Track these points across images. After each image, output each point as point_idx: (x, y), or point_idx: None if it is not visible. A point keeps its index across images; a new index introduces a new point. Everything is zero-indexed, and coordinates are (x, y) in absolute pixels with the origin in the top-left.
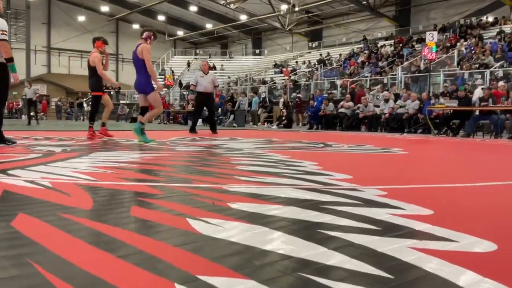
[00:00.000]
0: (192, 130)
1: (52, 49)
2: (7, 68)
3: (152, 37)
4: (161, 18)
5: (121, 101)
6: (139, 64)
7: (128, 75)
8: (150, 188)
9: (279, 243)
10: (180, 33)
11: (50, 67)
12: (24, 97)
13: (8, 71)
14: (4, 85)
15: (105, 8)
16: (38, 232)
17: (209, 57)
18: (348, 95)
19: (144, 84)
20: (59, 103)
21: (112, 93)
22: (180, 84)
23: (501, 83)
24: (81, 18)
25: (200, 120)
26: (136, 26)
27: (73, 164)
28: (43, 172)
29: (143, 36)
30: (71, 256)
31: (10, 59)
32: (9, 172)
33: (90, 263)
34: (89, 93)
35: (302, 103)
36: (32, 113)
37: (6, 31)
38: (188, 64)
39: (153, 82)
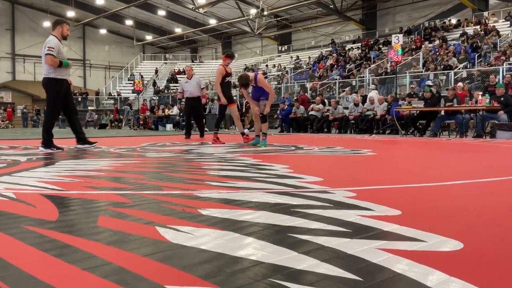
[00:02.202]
0: (187, 135)
1: (16, 55)
2: (58, 84)
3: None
4: (129, 22)
5: (89, 107)
6: None
7: (96, 81)
8: (119, 196)
9: (250, 249)
10: (149, 37)
11: (15, 74)
12: None
13: (59, 86)
14: (52, 98)
15: (71, 13)
16: (1, 246)
17: (179, 62)
18: (318, 98)
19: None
20: (25, 110)
21: (79, 99)
22: (154, 83)
23: (460, 84)
24: (47, 24)
25: (171, 126)
26: (103, 31)
27: (38, 174)
28: (7, 182)
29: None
30: (35, 271)
31: (60, 64)
32: None
33: (55, 277)
34: None
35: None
36: None
37: (53, 48)
38: (156, 71)
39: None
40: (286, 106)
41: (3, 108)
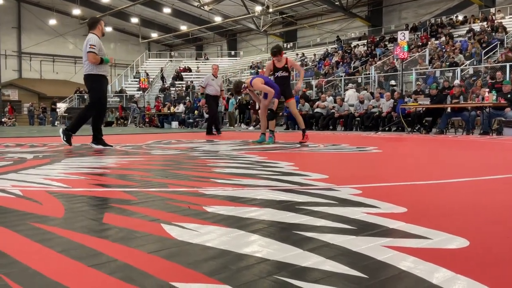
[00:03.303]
0: (209, 132)
1: (23, 53)
2: (101, 80)
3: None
4: (134, 20)
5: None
6: None
7: None
8: (124, 193)
9: (255, 246)
10: (154, 35)
11: (21, 72)
12: None
13: (101, 82)
14: (98, 95)
15: (76, 11)
16: (7, 243)
17: (184, 59)
18: (323, 95)
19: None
20: (31, 108)
21: (85, 97)
22: (162, 78)
23: (457, 81)
24: (52, 22)
25: (176, 123)
26: (109, 29)
27: (45, 171)
28: (13, 180)
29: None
30: (42, 267)
31: (101, 61)
32: None
33: (61, 274)
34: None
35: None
36: None
37: (94, 46)
38: (161, 70)
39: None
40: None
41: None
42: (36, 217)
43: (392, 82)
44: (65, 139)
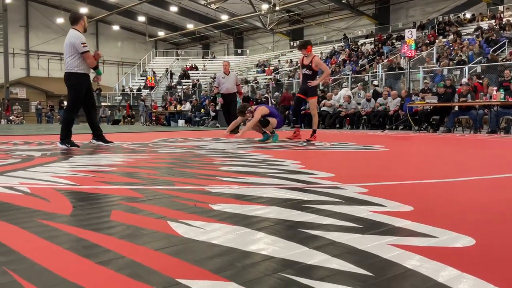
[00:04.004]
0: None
1: (30, 52)
2: (80, 78)
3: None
4: (141, 19)
5: (102, 103)
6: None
7: (109, 77)
8: (131, 191)
9: (261, 244)
10: (161, 33)
11: (29, 70)
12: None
13: (82, 81)
14: (75, 93)
15: (84, 10)
16: (15, 240)
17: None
18: (329, 94)
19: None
20: (39, 106)
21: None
22: (171, 75)
23: (464, 80)
24: (60, 20)
25: (183, 121)
26: (116, 28)
27: (52, 169)
28: (21, 177)
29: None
30: (50, 264)
31: (96, 67)
32: None
33: (69, 270)
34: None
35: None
36: None
37: (86, 44)
38: (167, 71)
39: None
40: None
41: (18, 104)
42: (44, 214)
43: (375, 82)
44: (69, 146)
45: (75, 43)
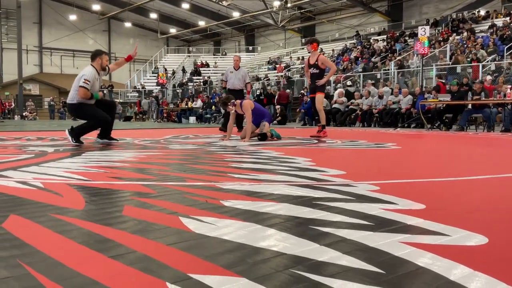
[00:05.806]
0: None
1: (44, 48)
2: (84, 103)
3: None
4: (153, 16)
5: (115, 100)
6: None
7: (121, 73)
8: (143, 187)
9: (272, 240)
10: (173, 30)
11: (42, 66)
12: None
13: (84, 105)
14: (87, 115)
15: (96, 7)
16: (29, 233)
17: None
18: (340, 91)
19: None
20: (52, 103)
21: (105, 91)
22: (184, 70)
23: (489, 77)
24: (73, 17)
25: (194, 118)
26: (128, 24)
27: (65, 164)
28: (35, 172)
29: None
30: (63, 257)
31: (90, 97)
32: (0, 173)
33: (81, 264)
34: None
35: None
36: None
37: (89, 81)
38: (173, 72)
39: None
40: (309, 99)
41: (32, 100)
42: (57, 209)
43: (348, 83)
44: (74, 141)
45: (80, 77)
